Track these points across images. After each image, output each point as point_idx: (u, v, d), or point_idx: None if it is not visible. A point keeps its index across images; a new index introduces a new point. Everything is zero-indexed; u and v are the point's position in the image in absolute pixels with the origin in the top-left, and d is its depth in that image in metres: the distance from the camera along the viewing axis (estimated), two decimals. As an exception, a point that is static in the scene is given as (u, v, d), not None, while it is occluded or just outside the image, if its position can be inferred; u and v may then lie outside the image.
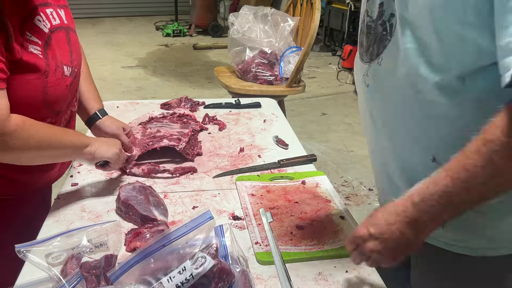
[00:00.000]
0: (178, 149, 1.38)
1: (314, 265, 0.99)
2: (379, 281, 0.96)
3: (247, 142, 1.58)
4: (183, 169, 1.35)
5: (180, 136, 1.43)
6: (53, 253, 0.91)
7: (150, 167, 1.33)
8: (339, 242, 1.05)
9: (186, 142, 1.41)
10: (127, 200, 1.12)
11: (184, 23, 7.31)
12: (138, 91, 4.73)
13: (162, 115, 1.66)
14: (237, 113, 1.83)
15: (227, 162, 1.43)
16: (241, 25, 2.63)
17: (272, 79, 2.38)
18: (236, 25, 2.64)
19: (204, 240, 0.85)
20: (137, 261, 0.80)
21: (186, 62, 5.81)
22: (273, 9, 2.79)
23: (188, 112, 1.70)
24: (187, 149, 1.40)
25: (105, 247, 0.97)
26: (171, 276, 0.77)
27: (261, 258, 0.99)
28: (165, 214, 1.13)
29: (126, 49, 6.24)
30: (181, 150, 1.38)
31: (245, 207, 1.18)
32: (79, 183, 1.28)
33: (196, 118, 1.69)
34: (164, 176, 1.33)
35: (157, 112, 1.69)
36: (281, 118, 1.82)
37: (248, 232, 1.09)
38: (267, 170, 1.39)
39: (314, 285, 0.94)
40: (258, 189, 1.27)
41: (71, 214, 1.14)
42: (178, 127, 1.54)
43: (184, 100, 1.86)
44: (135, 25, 7.74)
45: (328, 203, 1.22)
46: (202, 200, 1.23)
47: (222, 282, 0.80)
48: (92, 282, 0.86)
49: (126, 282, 0.79)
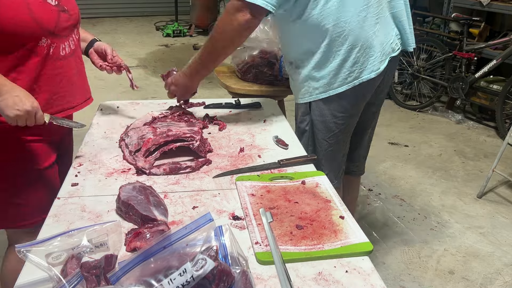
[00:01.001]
0: (193, 147, 1.40)
1: (314, 265, 1.00)
2: (379, 281, 0.96)
3: (247, 142, 1.58)
4: (201, 162, 1.39)
5: (193, 135, 1.44)
6: (53, 253, 0.91)
7: (171, 166, 1.34)
8: (339, 242, 1.06)
9: (199, 140, 1.43)
10: (127, 200, 1.12)
11: (184, 23, 7.31)
12: (138, 91, 4.72)
13: (162, 114, 1.66)
14: (237, 113, 1.84)
15: (227, 162, 1.43)
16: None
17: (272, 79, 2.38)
18: None
19: (204, 241, 0.85)
20: (137, 263, 0.80)
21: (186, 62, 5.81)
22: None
23: (187, 110, 1.71)
24: (200, 147, 1.42)
25: (105, 247, 0.97)
26: (171, 278, 0.77)
27: (261, 258, 0.99)
28: (165, 214, 1.13)
29: (126, 49, 6.24)
30: (195, 148, 1.40)
31: (245, 207, 1.18)
32: (79, 183, 1.28)
33: (195, 116, 1.70)
34: (186, 172, 1.35)
35: (156, 111, 1.69)
36: (281, 118, 1.82)
37: (248, 232, 1.09)
38: (267, 170, 1.39)
39: (314, 285, 0.94)
40: (258, 189, 1.27)
41: (71, 214, 1.14)
42: (185, 125, 1.54)
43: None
44: (135, 25, 7.75)
45: (328, 203, 1.22)
46: (202, 200, 1.23)
47: (222, 283, 0.81)
48: (92, 282, 0.86)
49: (126, 283, 0.79)
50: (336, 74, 1.62)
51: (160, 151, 1.37)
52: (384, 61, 1.65)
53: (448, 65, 4.29)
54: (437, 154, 3.65)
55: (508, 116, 3.91)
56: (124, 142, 1.47)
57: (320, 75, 1.64)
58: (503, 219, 2.81)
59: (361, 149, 2.00)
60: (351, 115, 1.72)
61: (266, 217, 1.11)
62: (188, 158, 1.41)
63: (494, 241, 2.60)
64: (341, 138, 1.74)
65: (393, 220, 2.78)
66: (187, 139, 1.42)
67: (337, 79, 1.63)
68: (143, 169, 1.32)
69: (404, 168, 3.41)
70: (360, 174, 2.12)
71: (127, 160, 1.39)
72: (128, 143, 1.44)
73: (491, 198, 3.04)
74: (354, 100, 1.69)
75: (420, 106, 4.54)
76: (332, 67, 1.61)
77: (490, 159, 3.47)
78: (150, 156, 1.35)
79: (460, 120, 4.28)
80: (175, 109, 1.73)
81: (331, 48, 1.59)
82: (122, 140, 1.51)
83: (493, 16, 4.64)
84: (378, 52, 1.63)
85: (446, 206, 2.93)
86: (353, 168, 2.05)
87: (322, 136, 1.73)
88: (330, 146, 1.74)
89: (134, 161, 1.35)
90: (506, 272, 2.35)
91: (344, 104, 1.67)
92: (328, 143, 1.74)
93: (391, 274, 2.32)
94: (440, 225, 2.74)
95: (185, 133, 1.44)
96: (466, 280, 2.30)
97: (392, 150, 3.69)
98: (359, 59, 1.61)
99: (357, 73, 1.62)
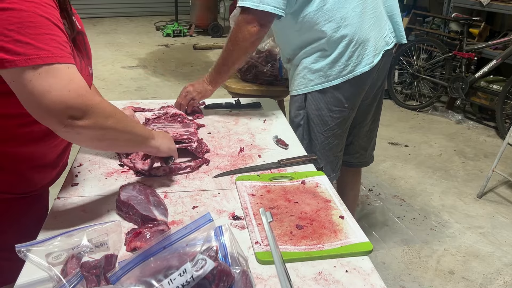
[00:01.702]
0: (191, 149, 1.40)
1: (314, 265, 1.00)
2: (379, 281, 0.96)
3: (247, 142, 1.58)
4: (200, 162, 1.40)
5: (190, 136, 1.44)
6: (53, 253, 0.91)
7: (171, 166, 1.34)
8: (339, 242, 1.06)
9: (196, 142, 1.43)
10: (127, 200, 1.12)
11: (184, 23, 7.31)
12: (138, 91, 4.73)
13: (155, 115, 1.66)
14: (237, 113, 1.84)
15: (227, 162, 1.43)
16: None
17: (272, 79, 2.38)
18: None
19: (204, 241, 0.85)
20: (137, 263, 0.80)
21: (186, 62, 5.81)
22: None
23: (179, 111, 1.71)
24: (198, 148, 1.42)
25: (105, 247, 0.97)
26: (171, 279, 0.77)
27: (261, 258, 0.99)
28: (165, 214, 1.13)
29: (126, 49, 6.25)
30: (193, 150, 1.40)
31: (245, 207, 1.18)
32: (79, 183, 1.28)
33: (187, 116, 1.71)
34: (186, 172, 1.35)
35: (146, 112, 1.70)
36: (281, 118, 1.82)
37: (248, 232, 1.09)
38: (267, 170, 1.39)
39: (314, 285, 0.94)
40: (258, 189, 1.27)
41: (71, 214, 1.14)
42: (180, 126, 1.54)
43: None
44: (135, 25, 7.75)
45: (328, 203, 1.22)
46: (202, 200, 1.23)
47: (222, 283, 0.81)
48: (92, 282, 0.86)
49: (126, 283, 0.79)
50: (331, 67, 1.68)
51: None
52: (378, 54, 1.71)
53: (448, 65, 4.29)
54: (437, 154, 3.65)
55: (508, 116, 3.91)
56: None
57: (316, 68, 1.70)
58: (503, 219, 2.81)
59: (360, 140, 2.02)
60: (347, 108, 1.76)
61: (266, 217, 1.11)
62: (185, 159, 1.40)
63: (494, 241, 2.60)
64: (337, 131, 1.78)
65: (393, 220, 2.78)
66: (185, 140, 1.42)
67: (332, 72, 1.69)
68: (143, 171, 1.32)
69: (404, 168, 3.41)
70: (361, 165, 2.15)
71: (124, 163, 1.38)
72: None
73: (491, 198, 3.04)
74: (350, 93, 1.73)
75: (420, 106, 4.54)
76: (328, 60, 1.68)
77: (490, 159, 3.47)
78: (148, 159, 1.35)
79: (460, 120, 4.28)
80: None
81: (328, 43, 1.65)
82: None
83: (493, 16, 4.65)
84: (372, 46, 1.69)
85: (446, 206, 2.93)
86: (353, 160, 2.07)
87: (318, 129, 1.78)
88: (326, 139, 1.78)
89: (132, 164, 1.35)
90: (506, 272, 2.35)
91: (340, 97, 1.73)
92: (324, 136, 1.78)
93: (391, 274, 2.32)
94: (440, 225, 2.74)
95: (182, 135, 1.44)
96: (466, 280, 2.30)
97: (392, 150, 3.69)
98: (354, 53, 1.67)
99: (352, 67, 1.68)
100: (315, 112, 1.75)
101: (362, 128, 1.99)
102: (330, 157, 1.82)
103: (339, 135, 1.80)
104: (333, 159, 1.84)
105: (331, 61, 1.67)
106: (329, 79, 1.69)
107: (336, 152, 1.83)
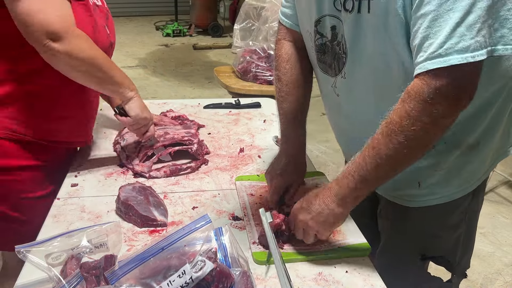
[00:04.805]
0: (192, 151, 1.39)
1: (314, 265, 0.99)
2: (379, 281, 0.96)
3: (247, 142, 1.58)
4: (199, 162, 1.39)
5: (191, 138, 1.43)
6: (53, 253, 0.91)
7: (172, 168, 1.33)
8: (337, 243, 1.05)
9: (197, 143, 1.42)
10: (127, 201, 1.12)
11: (184, 23, 7.30)
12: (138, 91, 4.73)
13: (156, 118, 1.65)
14: (237, 113, 1.83)
15: (227, 163, 1.43)
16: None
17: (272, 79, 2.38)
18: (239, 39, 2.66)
19: (204, 241, 0.85)
20: (136, 264, 0.80)
21: (186, 62, 5.81)
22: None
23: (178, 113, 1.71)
24: (198, 150, 1.41)
25: (105, 248, 0.97)
26: (170, 280, 0.77)
27: (258, 258, 0.99)
28: (165, 215, 1.13)
29: (126, 49, 6.24)
30: (194, 152, 1.39)
31: (244, 206, 1.18)
32: (79, 183, 1.28)
33: (188, 117, 1.69)
34: (186, 173, 1.35)
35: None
36: (281, 118, 1.82)
37: (246, 231, 1.09)
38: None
39: (314, 285, 0.94)
40: (257, 189, 1.27)
41: (71, 214, 1.14)
42: (181, 128, 1.53)
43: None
44: (135, 25, 7.74)
45: (328, 203, 1.21)
46: (202, 200, 1.23)
47: (221, 285, 0.81)
48: (92, 283, 0.86)
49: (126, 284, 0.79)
50: (506, 139, 1.16)
51: (158, 155, 1.36)
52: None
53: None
54: (437, 154, 3.65)
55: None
56: (119, 146, 1.42)
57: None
58: (504, 219, 2.81)
59: None
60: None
61: (266, 217, 1.11)
62: (185, 161, 1.39)
63: (495, 241, 2.60)
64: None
65: (393, 220, 2.78)
66: (185, 142, 1.41)
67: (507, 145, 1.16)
68: (143, 173, 1.32)
69: (404, 168, 3.41)
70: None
71: (124, 165, 1.37)
72: (125, 147, 1.41)
73: (491, 198, 3.04)
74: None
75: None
76: (499, 132, 1.10)
77: (490, 159, 3.47)
78: (148, 161, 1.34)
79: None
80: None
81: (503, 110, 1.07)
82: (117, 143, 1.44)
83: None
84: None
85: (446, 206, 2.93)
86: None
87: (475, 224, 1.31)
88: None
89: (132, 165, 1.34)
90: (507, 272, 2.35)
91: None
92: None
93: (391, 274, 2.32)
94: (440, 225, 2.74)
95: (183, 137, 1.43)
96: (466, 280, 2.29)
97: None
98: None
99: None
100: (480, 205, 1.25)
101: None
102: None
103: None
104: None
105: (502, 133, 1.11)
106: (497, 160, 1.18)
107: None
